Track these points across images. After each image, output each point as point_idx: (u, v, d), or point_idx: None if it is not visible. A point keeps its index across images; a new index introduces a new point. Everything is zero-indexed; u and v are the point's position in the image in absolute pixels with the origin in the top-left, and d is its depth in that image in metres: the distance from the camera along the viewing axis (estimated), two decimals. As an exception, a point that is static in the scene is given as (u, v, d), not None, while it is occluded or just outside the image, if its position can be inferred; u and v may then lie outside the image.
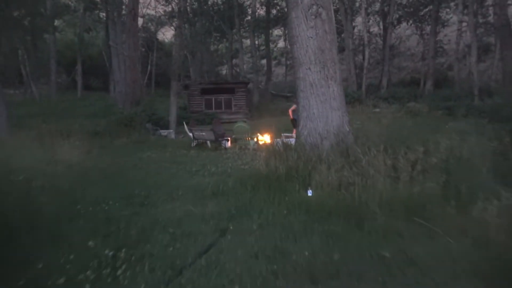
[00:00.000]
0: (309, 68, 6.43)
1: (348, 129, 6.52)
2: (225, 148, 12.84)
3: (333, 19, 6.66)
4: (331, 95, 6.43)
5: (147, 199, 5.37)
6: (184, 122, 15.76)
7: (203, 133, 13.32)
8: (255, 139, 12.86)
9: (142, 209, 4.76)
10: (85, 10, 32.69)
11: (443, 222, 3.51)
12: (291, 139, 13.00)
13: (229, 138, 13.86)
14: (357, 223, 3.74)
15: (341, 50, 36.47)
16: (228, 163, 9.54)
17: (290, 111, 15.00)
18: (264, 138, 14.57)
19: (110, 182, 6.84)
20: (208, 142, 13.51)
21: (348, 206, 4.01)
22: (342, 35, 30.47)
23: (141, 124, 16.60)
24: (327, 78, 6.41)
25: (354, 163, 5.16)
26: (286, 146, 7.15)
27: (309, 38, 6.40)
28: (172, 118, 19.14)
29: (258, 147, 12.92)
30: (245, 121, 24.09)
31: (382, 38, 31.06)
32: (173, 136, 17.82)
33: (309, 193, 4.77)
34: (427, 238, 3.46)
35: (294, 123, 13.41)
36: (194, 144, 13.82)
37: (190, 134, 14.12)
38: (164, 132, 18.02)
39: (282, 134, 13.03)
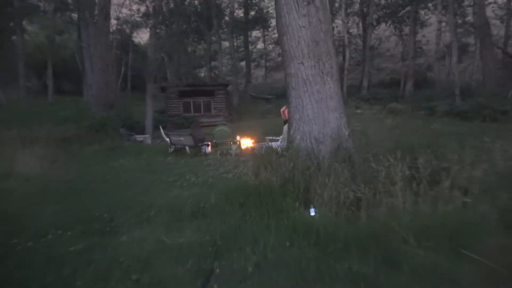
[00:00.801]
0: (302, 63, 5.49)
1: (347, 133, 5.61)
2: (205, 154, 11.81)
3: (328, 6, 5.74)
4: (327, 93, 5.51)
5: (110, 223, 4.29)
6: (160, 127, 14.63)
7: (181, 138, 12.23)
8: (238, 144, 11.86)
9: (101, 240, 3.68)
10: (55, 10, 30.94)
11: (505, 259, 2.61)
12: (276, 143, 12.09)
13: (209, 143, 12.82)
14: (390, 260, 2.79)
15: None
16: (209, 171, 8.53)
17: (285, 111, 14.03)
18: (247, 142, 13.60)
19: (70, 201, 5.71)
20: (187, 147, 12.43)
21: (370, 233, 3.05)
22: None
23: (114, 129, 15.32)
24: (322, 73, 5.49)
25: (362, 173, 4.24)
26: (275, 151, 6.24)
27: (301, 27, 5.47)
28: (148, 122, 17.95)
29: (241, 152, 11.93)
30: (225, 124, 23.12)
31: (362, 39, 30.63)
32: (149, 141, 16.63)
33: (312, 212, 3.82)
34: (489, 283, 2.53)
35: None
36: (172, 150, 12.70)
37: (167, 139, 12.99)
38: (139, 137, 16.80)
39: (266, 138, 12.08)
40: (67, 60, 37.45)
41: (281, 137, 12.20)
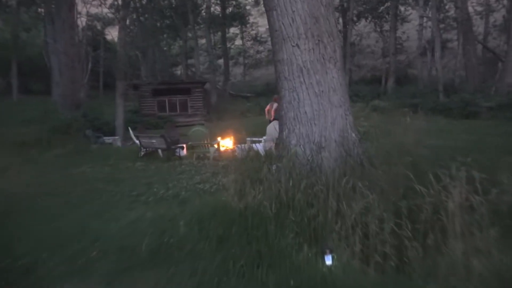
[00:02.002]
0: (297, 45, 4.20)
1: (354, 135, 4.34)
2: (180, 158, 10.40)
3: (328, -27, 4.45)
4: (329, 85, 4.25)
5: (28, 275, 2.88)
6: (129, 128, 13.10)
7: (153, 141, 10.76)
8: (216, 145, 10.49)
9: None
10: (19, 4, 28.62)
11: None
12: (257, 145, 10.79)
13: (184, 145, 11.39)
14: None
15: (300, 48, 34.86)
16: (182, 180, 7.17)
17: (272, 111, 12.74)
18: (226, 144, 12.23)
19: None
20: (160, 150, 10.98)
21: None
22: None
23: (80, 131, 13.66)
24: (323, 59, 4.22)
25: (390, 197, 2.98)
26: (262, 158, 4.97)
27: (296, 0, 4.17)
28: (119, 122, 16.32)
29: (219, 154, 10.57)
30: (203, 124, 21.64)
31: (342, 35, 29.66)
32: (119, 143, 15.00)
33: (328, 259, 2.53)
34: None
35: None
36: (142, 153, 11.22)
37: (137, 142, 11.50)
38: (108, 139, 15.16)
39: (247, 139, 10.75)
40: (35, 58, 34.99)
41: (263, 138, 10.91)
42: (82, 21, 34.24)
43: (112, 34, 37.14)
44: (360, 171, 3.64)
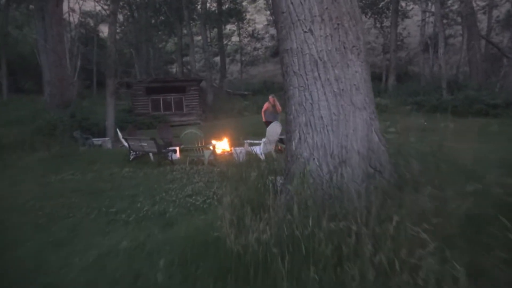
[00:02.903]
0: (310, 31, 3.25)
1: (382, 146, 3.40)
2: (172, 162, 9.44)
3: None
4: (351, 82, 3.31)
5: None
6: (117, 129, 12.10)
7: (143, 143, 9.77)
8: (211, 148, 9.54)
9: None
10: (8, 1, 27.46)
11: None
12: (256, 148, 9.84)
13: (177, 148, 10.43)
14: None
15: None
16: (171, 191, 6.21)
17: (269, 109, 11.87)
18: (222, 146, 11.28)
19: None
20: (151, 154, 10.02)
21: None
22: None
23: (65, 132, 12.65)
24: (344, 48, 3.28)
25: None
26: (263, 166, 4.13)
27: (308, -28, 3.21)
28: (110, 123, 15.29)
29: (215, 158, 9.62)
30: (198, 123, 20.64)
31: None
32: (109, 145, 14.01)
33: None
34: None
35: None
36: (132, 157, 10.25)
37: (126, 145, 10.53)
38: (98, 141, 14.16)
39: (245, 142, 9.82)
40: (27, 56, 33.86)
41: (263, 140, 9.97)
42: (74, 18, 33.17)
43: (106, 31, 36.05)
44: (398, 196, 2.69)
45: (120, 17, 29.57)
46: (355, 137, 3.27)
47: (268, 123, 10.97)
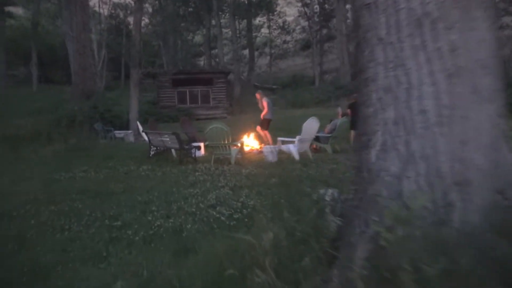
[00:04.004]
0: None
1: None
2: (195, 160, 8.37)
3: None
4: (476, 56, 1.99)
5: None
6: (138, 122, 11.14)
7: (163, 139, 8.73)
8: (239, 147, 8.39)
9: None
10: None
11: None
12: (290, 146, 8.62)
13: (201, 145, 9.36)
14: None
15: (330, 38, 32.15)
16: (191, 198, 5.08)
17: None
18: (251, 143, 10.12)
19: None
20: (173, 150, 9.00)
21: None
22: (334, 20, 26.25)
23: (85, 124, 11.82)
24: (466, 1, 1.96)
25: None
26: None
27: None
28: (133, 115, 14.42)
29: (242, 157, 8.48)
30: (225, 117, 19.57)
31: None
32: (131, 138, 13.15)
33: None
34: None
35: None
36: (152, 153, 9.27)
37: (146, 139, 9.55)
38: (120, 134, 13.32)
39: (278, 139, 8.60)
40: (57, 47, 33.83)
41: (298, 137, 8.73)
42: (104, 10, 32.82)
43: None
44: None
45: (149, 8, 28.93)
46: (476, 144, 2.01)
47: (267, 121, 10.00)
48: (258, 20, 32.20)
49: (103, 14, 32.80)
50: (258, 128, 10.16)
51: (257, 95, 10.49)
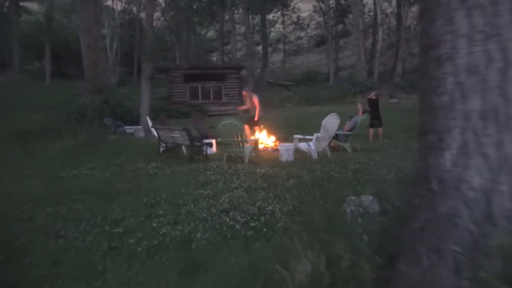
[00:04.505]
0: None
1: None
2: (207, 158, 7.85)
3: None
4: None
5: None
6: (147, 117, 10.68)
7: (176, 134, 8.22)
8: (254, 144, 7.85)
9: None
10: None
11: None
12: (308, 145, 8.04)
13: (213, 142, 8.85)
14: None
15: (346, 33, 31.32)
16: (202, 201, 4.57)
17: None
18: (266, 141, 9.57)
19: None
20: (183, 147, 8.50)
21: None
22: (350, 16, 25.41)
23: (94, 118, 11.42)
24: None
25: None
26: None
27: None
28: (144, 110, 14.00)
29: (257, 155, 7.93)
30: (238, 113, 19.03)
31: (396, 18, 25.91)
32: (142, 134, 12.73)
33: None
34: None
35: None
36: (162, 149, 8.78)
37: (156, 135, 9.07)
38: (129, 129, 12.91)
39: (295, 136, 8.01)
40: (72, 42, 33.70)
41: (316, 135, 8.15)
42: (117, 5, 32.56)
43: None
44: None
45: (163, 3, 28.54)
46: None
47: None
48: (272, 16, 31.50)
49: (116, 9, 32.53)
50: (246, 127, 9.07)
51: (244, 93, 9.68)
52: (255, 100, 9.24)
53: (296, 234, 1.80)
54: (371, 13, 26.70)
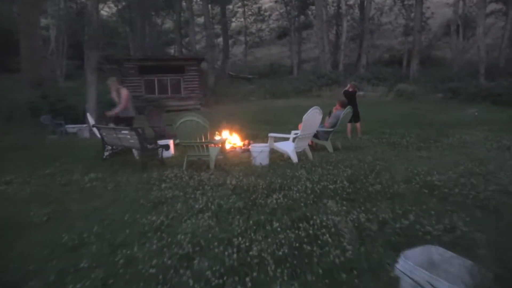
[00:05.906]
0: None
1: None
2: (163, 163, 6.28)
3: None
4: None
5: None
6: (88, 113, 8.90)
7: (123, 135, 6.52)
8: (220, 146, 6.36)
9: None
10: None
11: None
12: (285, 145, 6.68)
13: (170, 142, 7.26)
14: None
15: (308, 25, 30.26)
16: (152, 237, 3.07)
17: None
18: (234, 140, 8.10)
19: None
20: (134, 150, 6.87)
21: None
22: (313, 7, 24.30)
23: (26, 116, 9.40)
24: None
25: None
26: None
27: None
28: (91, 106, 11.99)
29: (225, 158, 6.47)
30: (198, 109, 17.41)
31: (359, 9, 25.15)
32: (86, 134, 10.82)
33: None
34: None
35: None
36: (107, 153, 7.10)
37: (99, 136, 7.30)
38: (73, 128, 10.96)
39: (270, 135, 6.56)
40: (14, 33, 30.23)
41: (294, 132, 6.80)
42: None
43: (102, 8, 32.23)
44: None
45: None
46: None
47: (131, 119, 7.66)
48: (232, 6, 29.77)
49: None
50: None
51: (110, 83, 7.81)
52: (124, 94, 7.42)
53: None
54: (334, 3, 25.77)
